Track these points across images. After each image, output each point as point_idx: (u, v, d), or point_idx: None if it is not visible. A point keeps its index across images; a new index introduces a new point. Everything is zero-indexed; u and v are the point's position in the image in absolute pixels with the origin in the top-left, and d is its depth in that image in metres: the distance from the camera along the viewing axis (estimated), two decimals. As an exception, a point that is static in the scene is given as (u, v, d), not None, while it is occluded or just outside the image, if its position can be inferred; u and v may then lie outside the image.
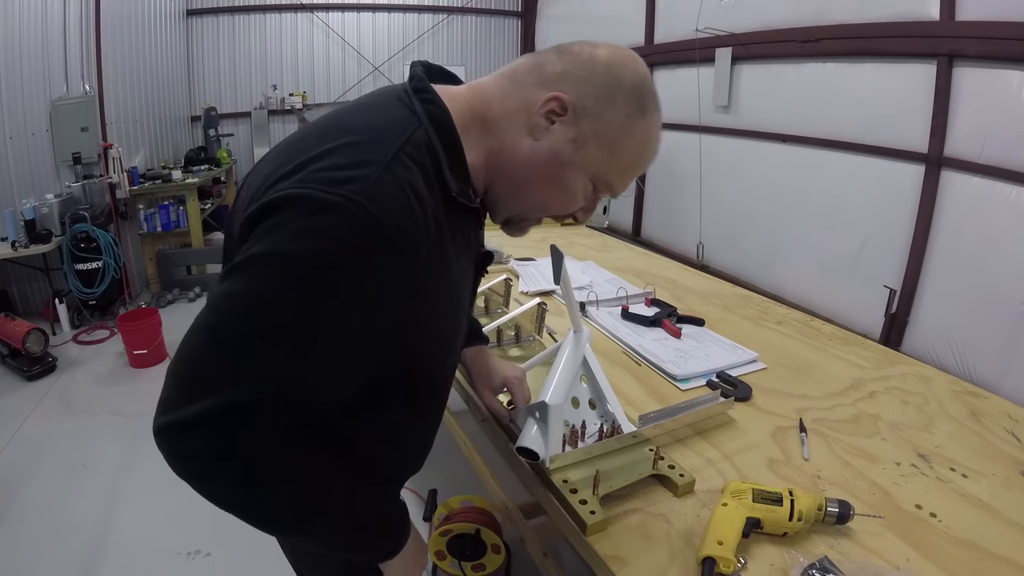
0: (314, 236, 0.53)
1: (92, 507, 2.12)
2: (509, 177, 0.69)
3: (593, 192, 0.71)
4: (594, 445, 0.95)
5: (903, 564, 0.79)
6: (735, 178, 3.92)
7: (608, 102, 0.65)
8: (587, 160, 0.67)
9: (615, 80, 0.66)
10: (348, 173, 0.55)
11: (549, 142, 0.66)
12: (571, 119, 0.65)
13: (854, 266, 3.20)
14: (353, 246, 0.54)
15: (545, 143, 0.66)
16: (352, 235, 0.53)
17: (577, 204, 0.72)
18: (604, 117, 0.66)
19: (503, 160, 0.69)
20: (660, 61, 4.70)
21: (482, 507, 1.75)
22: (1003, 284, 2.47)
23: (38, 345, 3.12)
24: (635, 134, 0.68)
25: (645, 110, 0.67)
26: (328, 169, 0.56)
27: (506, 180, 0.70)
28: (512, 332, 1.45)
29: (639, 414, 1.00)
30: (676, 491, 0.92)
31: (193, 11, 5.68)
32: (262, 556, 1.90)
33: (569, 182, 0.68)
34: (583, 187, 0.70)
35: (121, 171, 4.11)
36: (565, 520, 0.89)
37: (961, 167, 2.66)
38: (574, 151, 0.66)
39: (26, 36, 3.59)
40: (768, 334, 1.56)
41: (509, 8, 6.90)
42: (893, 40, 2.86)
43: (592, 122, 0.66)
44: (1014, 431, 1.11)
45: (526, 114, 0.67)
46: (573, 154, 0.66)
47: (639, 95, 0.67)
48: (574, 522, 0.86)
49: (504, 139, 0.68)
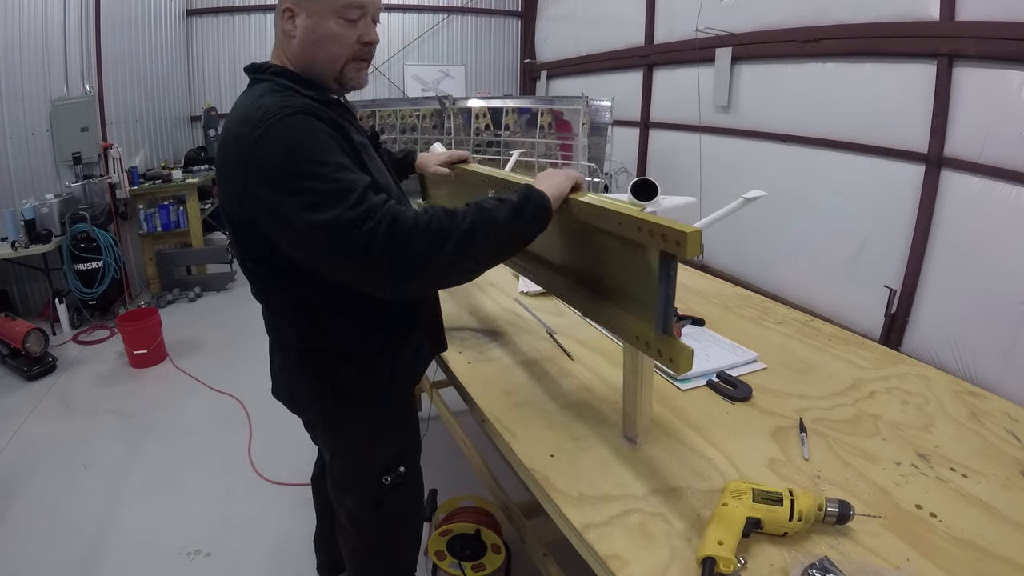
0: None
1: (92, 507, 2.12)
2: (309, 62, 1.02)
3: (351, 22, 0.99)
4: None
5: (903, 564, 0.79)
6: (735, 178, 3.92)
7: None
8: (320, 16, 0.97)
9: None
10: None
11: (299, 28, 0.99)
12: (296, 9, 0.98)
13: (854, 266, 3.20)
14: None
15: (299, 30, 0.99)
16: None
17: (350, 37, 1.00)
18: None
19: (297, 61, 1.02)
20: (660, 61, 4.70)
21: (482, 507, 1.75)
22: (1003, 284, 2.48)
23: (38, 345, 3.12)
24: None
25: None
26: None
27: (308, 65, 1.02)
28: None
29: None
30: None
31: (193, 11, 5.68)
32: (262, 556, 1.90)
33: (326, 32, 0.99)
34: (338, 27, 0.99)
35: (121, 171, 4.11)
36: (565, 520, 0.89)
37: (961, 167, 2.66)
38: (312, 17, 0.98)
39: (26, 36, 3.60)
40: (768, 334, 1.56)
41: (509, 8, 6.90)
42: (893, 40, 2.86)
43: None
44: (1014, 431, 1.11)
45: (284, 33, 1.02)
46: (312, 21, 0.98)
47: None
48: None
49: (289, 53, 1.03)
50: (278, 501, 2.15)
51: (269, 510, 2.10)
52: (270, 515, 2.08)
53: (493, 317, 1.68)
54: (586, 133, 4.21)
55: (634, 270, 0.91)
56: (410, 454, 1.28)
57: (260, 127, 0.87)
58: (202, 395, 2.96)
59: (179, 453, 2.46)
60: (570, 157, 4.37)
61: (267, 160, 0.86)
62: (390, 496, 1.23)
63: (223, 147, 0.96)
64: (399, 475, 1.22)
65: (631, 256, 0.90)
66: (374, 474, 1.20)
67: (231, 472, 2.32)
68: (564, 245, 1.16)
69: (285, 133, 0.86)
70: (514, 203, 0.92)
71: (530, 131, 4.49)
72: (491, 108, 4.57)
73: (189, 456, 2.44)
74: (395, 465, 1.21)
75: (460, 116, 4.59)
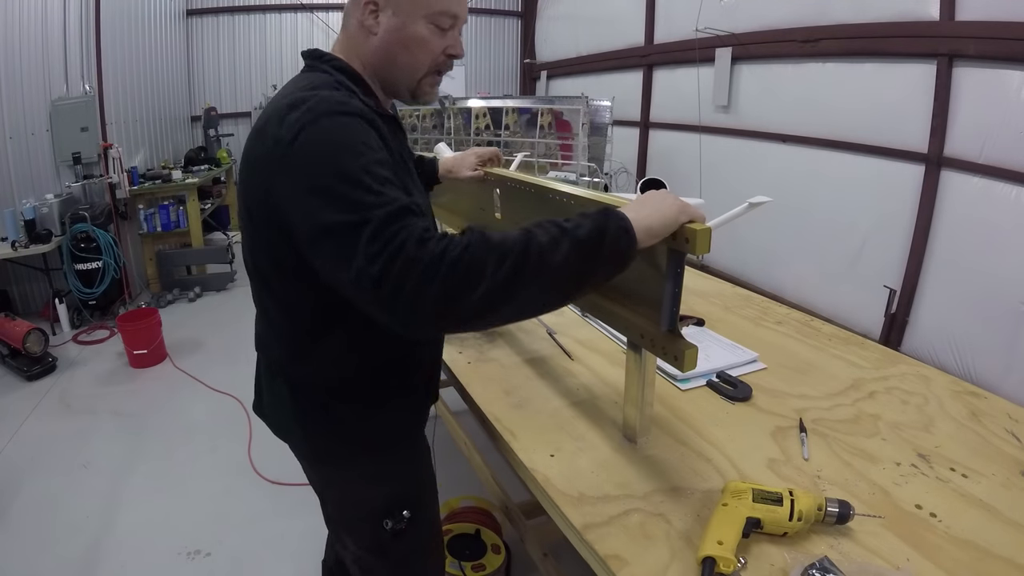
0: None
1: (92, 507, 2.12)
2: (389, 64, 0.93)
3: (440, 30, 0.91)
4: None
5: (903, 564, 0.79)
6: (735, 178, 3.92)
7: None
8: (409, 17, 0.89)
9: None
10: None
11: (383, 26, 0.90)
12: (384, 4, 0.89)
13: (854, 266, 3.20)
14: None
15: (382, 28, 0.90)
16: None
17: (437, 46, 0.92)
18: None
19: (373, 62, 0.93)
20: (660, 61, 4.71)
21: (482, 507, 1.75)
22: (1003, 284, 2.48)
23: (38, 345, 3.12)
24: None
25: None
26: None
27: (385, 69, 0.93)
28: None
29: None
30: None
31: (193, 11, 5.68)
32: (262, 556, 1.90)
33: (415, 35, 0.90)
34: (427, 31, 0.90)
35: (121, 171, 4.11)
36: (565, 520, 0.89)
37: (961, 167, 2.66)
38: (399, 16, 0.89)
39: (26, 36, 3.59)
40: (768, 334, 1.56)
41: (509, 8, 6.90)
42: (893, 40, 2.86)
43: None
44: (1014, 431, 1.11)
45: (362, 28, 0.91)
46: (400, 20, 0.89)
47: None
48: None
49: (364, 50, 0.93)
50: (278, 501, 2.15)
51: (269, 510, 2.10)
52: (270, 515, 2.08)
53: (493, 317, 1.68)
54: (586, 133, 4.21)
55: (641, 268, 0.91)
56: (416, 501, 1.07)
57: (311, 115, 0.77)
58: (202, 395, 2.96)
59: (179, 453, 2.46)
60: (570, 157, 4.37)
61: (310, 154, 0.76)
62: (393, 545, 1.05)
63: (260, 130, 0.83)
64: (402, 520, 1.03)
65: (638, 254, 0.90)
66: (372, 516, 1.03)
67: (231, 472, 2.32)
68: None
69: (337, 129, 0.77)
70: (580, 238, 0.72)
71: (530, 131, 4.49)
72: (491, 108, 4.56)
73: (189, 456, 2.44)
74: (396, 509, 1.03)
75: (460, 116, 4.58)
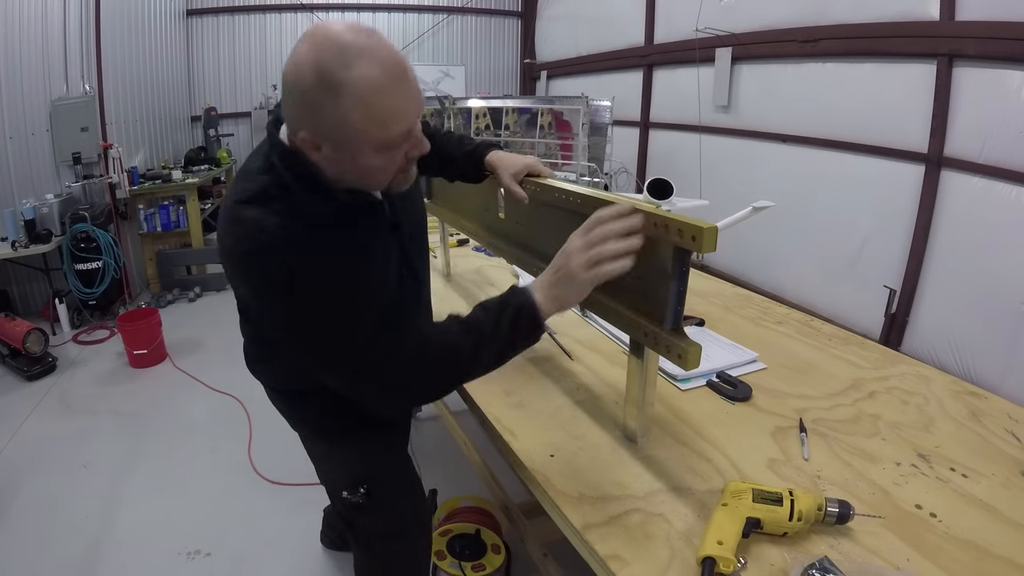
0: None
1: (92, 507, 2.12)
2: (341, 179, 0.83)
3: (392, 150, 0.80)
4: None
5: (903, 564, 0.79)
6: (735, 178, 3.92)
7: (320, 111, 0.74)
8: (355, 151, 0.78)
9: (313, 93, 0.73)
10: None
11: (326, 158, 0.80)
12: (319, 141, 0.78)
13: (854, 266, 3.20)
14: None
15: (325, 159, 0.80)
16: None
17: (395, 163, 0.82)
18: (328, 123, 0.75)
19: (328, 173, 0.83)
20: (660, 61, 4.70)
21: (482, 507, 1.75)
22: (1003, 284, 2.47)
23: (38, 345, 3.12)
24: (353, 111, 0.73)
25: (340, 87, 0.71)
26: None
27: (342, 182, 0.84)
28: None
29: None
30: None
31: (193, 11, 5.68)
32: (262, 556, 1.90)
33: (365, 165, 0.80)
34: (379, 159, 0.80)
35: (121, 171, 4.11)
36: (565, 520, 0.89)
37: (961, 167, 2.66)
38: (341, 152, 0.78)
39: (26, 36, 3.59)
40: (768, 334, 1.56)
41: (509, 8, 6.90)
42: (893, 40, 2.86)
43: (328, 131, 0.76)
44: (1014, 431, 1.11)
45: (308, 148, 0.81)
46: (344, 154, 0.78)
47: (328, 83, 0.72)
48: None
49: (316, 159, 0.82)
50: (278, 501, 2.15)
51: (269, 510, 2.10)
52: (270, 515, 2.08)
53: (493, 317, 1.68)
54: (586, 133, 4.21)
55: (646, 266, 0.91)
56: (375, 481, 1.20)
57: (251, 249, 0.78)
58: (202, 395, 2.96)
59: (179, 453, 2.46)
60: (570, 157, 4.37)
61: (261, 287, 0.81)
62: (356, 517, 1.21)
63: (220, 230, 0.84)
64: (358, 495, 1.17)
65: (642, 252, 0.90)
66: (335, 485, 1.21)
67: (231, 472, 2.32)
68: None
69: (275, 267, 0.77)
70: (498, 348, 0.85)
71: (530, 131, 4.49)
72: (491, 108, 4.56)
73: (189, 456, 2.44)
74: (352, 484, 1.17)
75: (460, 116, 4.58)
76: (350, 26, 0.74)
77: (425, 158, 0.87)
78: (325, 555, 1.90)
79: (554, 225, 1.02)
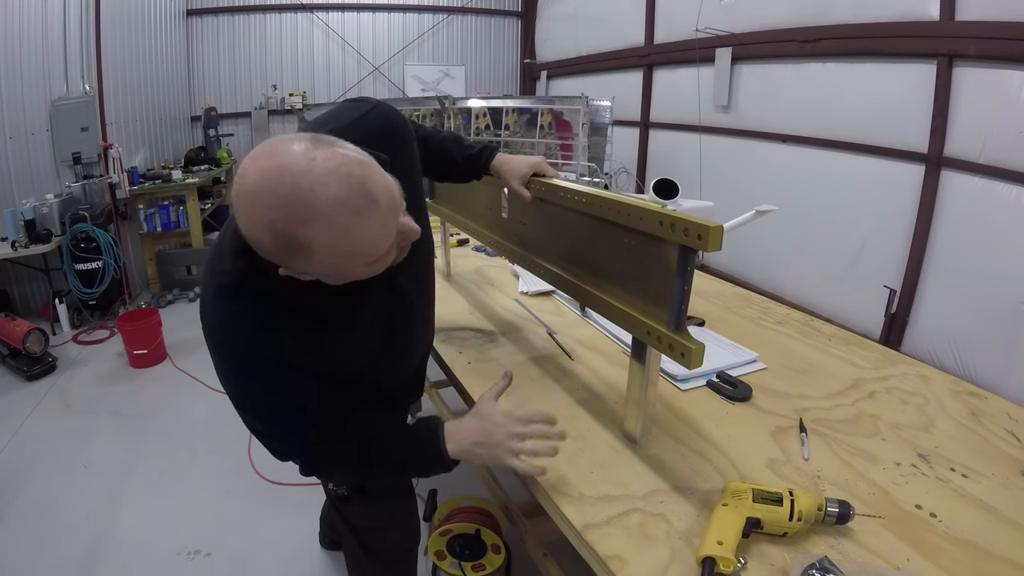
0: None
1: (92, 507, 2.12)
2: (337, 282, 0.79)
3: (383, 257, 0.75)
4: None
5: (903, 564, 0.79)
6: (735, 178, 3.92)
7: (295, 262, 0.71)
8: (344, 273, 0.75)
9: (280, 254, 0.70)
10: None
11: (315, 278, 0.76)
12: (303, 273, 0.74)
13: (854, 266, 3.20)
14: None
15: (313, 278, 0.76)
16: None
17: (385, 259, 0.76)
18: (307, 267, 0.72)
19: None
20: (660, 61, 4.70)
21: (482, 507, 1.75)
22: (1003, 284, 2.47)
23: (38, 345, 3.12)
24: (328, 256, 0.69)
25: (307, 247, 0.67)
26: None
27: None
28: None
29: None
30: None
31: (193, 11, 5.67)
32: (262, 556, 1.91)
33: (357, 274, 0.76)
34: (368, 269, 0.76)
35: (121, 171, 4.11)
36: (565, 520, 0.89)
37: (961, 167, 2.66)
38: (330, 274, 0.75)
39: (26, 36, 3.59)
40: (768, 334, 1.56)
41: (509, 8, 6.90)
42: (893, 40, 2.86)
43: (310, 271, 0.73)
44: (1014, 431, 1.11)
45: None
46: (333, 274, 0.75)
47: (293, 246, 0.67)
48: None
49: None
50: (278, 501, 2.15)
51: (269, 510, 2.10)
52: (270, 515, 2.08)
53: (493, 317, 1.68)
54: (586, 133, 4.21)
55: (649, 265, 0.91)
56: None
57: (219, 345, 0.84)
58: (202, 395, 2.96)
59: (179, 453, 2.46)
60: (570, 157, 4.37)
61: (218, 369, 0.89)
62: (342, 508, 1.26)
63: (201, 296, 0.87)
64: (344, 486, 1.22)
65: (647, 251, 0.90)
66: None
67: (231, 472, 2.32)
68: (573, 241, 1.16)
69: (237, 373, 0.88)
70: (415, 469, 0.97)
71: (530, 131, 4.50)
72: (491, 108, 4.57)
73: (189, 456, 2.44)
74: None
75: (460, 116, 4.59)
76: (272, 163, 0.65)
77: (426, 165, 0.86)
78: (324, 555, 1.90)
79: (558, 224, 1.02)
